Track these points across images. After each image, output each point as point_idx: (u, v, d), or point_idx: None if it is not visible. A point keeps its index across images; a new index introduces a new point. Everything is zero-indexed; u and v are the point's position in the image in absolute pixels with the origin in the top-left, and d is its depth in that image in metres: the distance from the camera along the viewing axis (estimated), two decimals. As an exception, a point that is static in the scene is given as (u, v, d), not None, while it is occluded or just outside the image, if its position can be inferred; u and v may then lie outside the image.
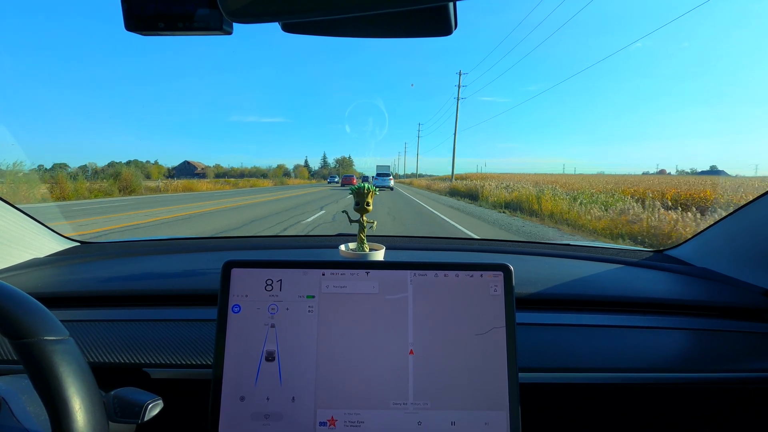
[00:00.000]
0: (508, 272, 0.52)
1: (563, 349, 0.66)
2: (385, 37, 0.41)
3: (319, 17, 0.33)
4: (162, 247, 1.16)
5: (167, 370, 0.61)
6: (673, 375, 0.63)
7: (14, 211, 0.92)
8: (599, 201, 9.60)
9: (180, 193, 20.84)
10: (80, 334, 0.65)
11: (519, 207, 11.38)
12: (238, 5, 0.32)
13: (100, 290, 0.79)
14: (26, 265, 0.92)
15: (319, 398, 0.48)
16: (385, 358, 0.49)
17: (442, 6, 0.37)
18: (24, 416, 0.41)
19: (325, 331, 0.50)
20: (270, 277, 0.51)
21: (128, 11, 0.38)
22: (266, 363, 0.49)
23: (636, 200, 9.10)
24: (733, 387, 0.66)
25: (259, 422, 0.47)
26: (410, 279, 0.52)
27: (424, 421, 0.48)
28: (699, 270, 0.96)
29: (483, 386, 0.49)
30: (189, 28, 0.38)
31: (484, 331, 0.50)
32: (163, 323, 0.69)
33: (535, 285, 0.80)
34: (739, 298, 0.81)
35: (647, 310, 0.78)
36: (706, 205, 8.26)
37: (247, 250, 1.16)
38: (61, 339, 0.38)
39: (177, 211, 9.90)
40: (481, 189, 15.91)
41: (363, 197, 0.84)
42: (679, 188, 11.00)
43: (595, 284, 0.86)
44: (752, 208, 0.87)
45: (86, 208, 10.87)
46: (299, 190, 25.16)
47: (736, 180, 17.05)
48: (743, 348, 0.69)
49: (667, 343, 0.69)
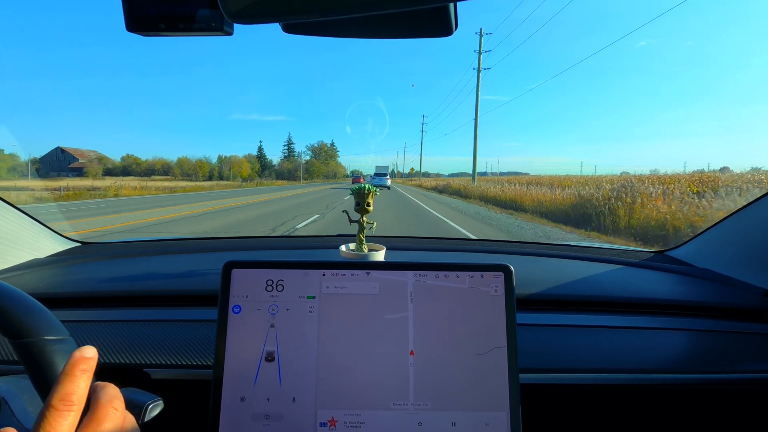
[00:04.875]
0: (508, 273, 0.52)
1: (564, 349, 0.66)
2: (385, 37, 0.41)
3: (320, 18, 0.33)
4: (162, 247, 1.16)
5: (168, 370, 0.61)
6: (674, 376, 0.63)
7: (14, 211, 0.92)
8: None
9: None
10: (81, 335, 0.65)
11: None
12: (239, 6, 0.32)
13: (101, 290, 0.79)
14: (27, 265, 0.92)
15: (319, 399, 0.48)
16: (386, 358, 0.49)
17: (442, 6, 0.37)
18: (24, 416, 0.41)
19: (325, 332, 0.50)
20: (270, 277, 0.51)
21: (129, 12, 0.38)
22: (266, 363, 0.49)
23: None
24: (734, 388, 0.66)
25: (259, 423, 0.47)
26: (411, 279, 0.51)
27: (424, 422, 0.48)
28: (700, 271, 0.96)
29: (483, 387, 0.48)
30: (190, 29, 0.38)
31: (485, 331, 0.50)
32: (164, 324, 0.69)
33: (535, 285, 0.80)
34: (740, 299, 0.81)
35: (648, 310, 0.78)
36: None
37: (248, 251, 1.16)
38: (61, 339, 0.38)
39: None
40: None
41: (363, 198, 0.84)
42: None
43: (595, 285, 0.86)
44: (753, 208, 0.87)
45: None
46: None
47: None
48: (744, 349, 0.69)
49: (668, 344, 0.69)
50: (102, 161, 62.46)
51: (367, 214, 0.85)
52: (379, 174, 30.16)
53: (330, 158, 78.76)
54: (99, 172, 50.26)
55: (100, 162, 60.64)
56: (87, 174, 52.17)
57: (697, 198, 7.57)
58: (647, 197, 7.98)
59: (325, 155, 77.86)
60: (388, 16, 0.38)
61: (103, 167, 60.57)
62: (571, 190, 11.29)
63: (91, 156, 61.85)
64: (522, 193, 13.15)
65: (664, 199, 7.79)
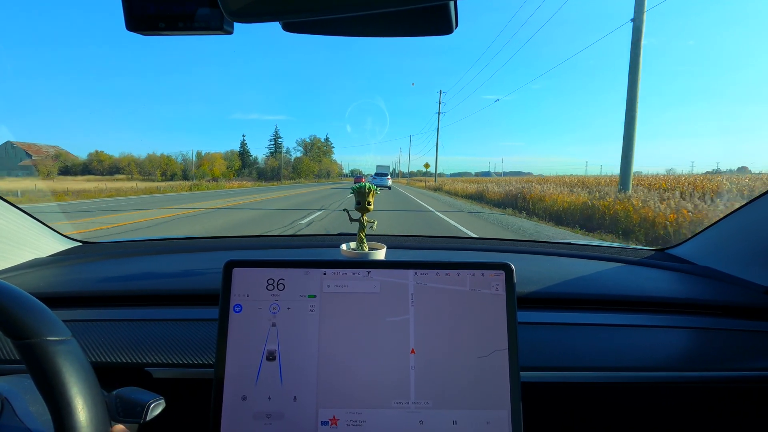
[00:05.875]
0: (509, 271, 0.52)
1: (565, 347, 0.66)
2: (385, 36, 0.41)
3: (320, 17, 0.33)
4: (163, 246, 1.16)
5: (169, 369, 0.61)
6: (675, 374, 0.63)
7: (16, 210, 0.92)
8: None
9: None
10: (82, 334, 0.65)
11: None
12: (239, 5, 0.32)
13: (102, 290, 0.79)
14: (28, 265, 0.92)
15: (320, 397, 0.48)
16: (387, 357, 0.49)
17: (442, 5, 0.36)
18: (26, 416, 0.41)
19: (326, 331, 0.50)
20: (271, 276, 0.51)
21: (129, 11, 0.38)
22: (267, 362, 0.49)
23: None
24: (735, 386, 0.66)
25: (260, 421, 0.47)
26: (411, 278, 0.52)
27: (425, 421, 0.48)
28: (701, 268, 0.96)
29: (484, 385, 0.49)
30: (190, 28, 0.38)
31: (486, 330, 0.50)
32: (165, 323, 0.69)
33: (536, 284, 0.80)
34: (741, 297, 0.81)
35: (649, 308, 0.78)
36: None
37: (249, 250, 1.16)
38: (63, 339, 0.39)
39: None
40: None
41: (364, 196, 0.84)
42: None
43: (596, 283, 0.86)
44: (754, 206, 0.87)
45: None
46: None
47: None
48: (745, 346, 0.69)
49: (669, 342, 0.69)
50: (60, 158, 53.81)
51: (368, 213, 0.85)
52: (380, 174, 29.93)
53: (323, 155, 67.79)
54: (54, 170, 43.67)
55: (57, 159, 52.25)
56: (39, 173, 45.25)
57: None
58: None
59: (317, 151, 67.06)
60: (388, 14, 0.38)
61: (60, 165, 52.27)
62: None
63: (49, 152, 53.20)
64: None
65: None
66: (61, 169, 42.78)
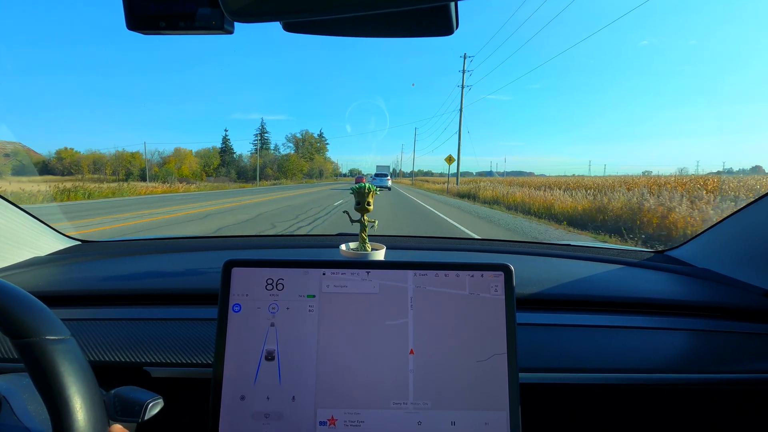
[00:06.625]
0: (508, 272, 0.51)
1: (564, 349, 0.66)
2: (386, 36, 0.41)
3: (321, 17, 0.33)
4: (163, 246, 1.16)
5: (168, 369, 0.61)
6: (674, 376, 0.63)
7: (15, 209, 0.92)
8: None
9: None
10: (81, 333, 0.65)
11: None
12: (240, 5, 0.32)
13: (101, 289, 0.79)
14: (27, 263, 0.92)
15: (319, 398, 0.48)
16: (386, 358, 0.49)
17: (443, 6, 0.36)
18: (25, 415, 0.41)
19: (325, 331, 0.50)
20: (270, 276, 0.51)
21: (130, 11, 0.38)
22: (266, 362, 0.49)
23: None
24: (734, 388, 0.66)
25: (259, 421, 0.47)
26: (411, 279, 0.51)
27: (424, 421, 0.48)
28: (700, 271, 0.96)
29: (483, 386, 0.49)
30: (190, 28, 0.38)
31: (485, 334, 0.50)
32: (164, 322, 0.69)
33: (535, 285, 0.80)
34: (740, 299, 0.81)
35: (648, 310, 0.78)
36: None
37: (248, 250, 1.16)
38: (62, 339, 0.38)
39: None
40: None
41: (363, 197, 0.84)
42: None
43: (595, 285, 0.86)
44: (753, 209, 0.87)
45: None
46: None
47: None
48: (744, 349, 0.69)
49: (668, 344, 0.69)
50: (18, 156, 53.00)
51: (368, 213, 0.85)
52: (380, 174, 29.27)
53: (315, 152, 58.67)
54: (6, 170, 44.36)
55: (8, 157, 52.38)
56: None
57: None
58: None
59: (309, 148, 58.05)
60: (389, 15, 0.38)
61: (15, 164, 51.49)
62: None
63: (6, 149, 54.08)
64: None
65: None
66: (16, 168, 41.84)
